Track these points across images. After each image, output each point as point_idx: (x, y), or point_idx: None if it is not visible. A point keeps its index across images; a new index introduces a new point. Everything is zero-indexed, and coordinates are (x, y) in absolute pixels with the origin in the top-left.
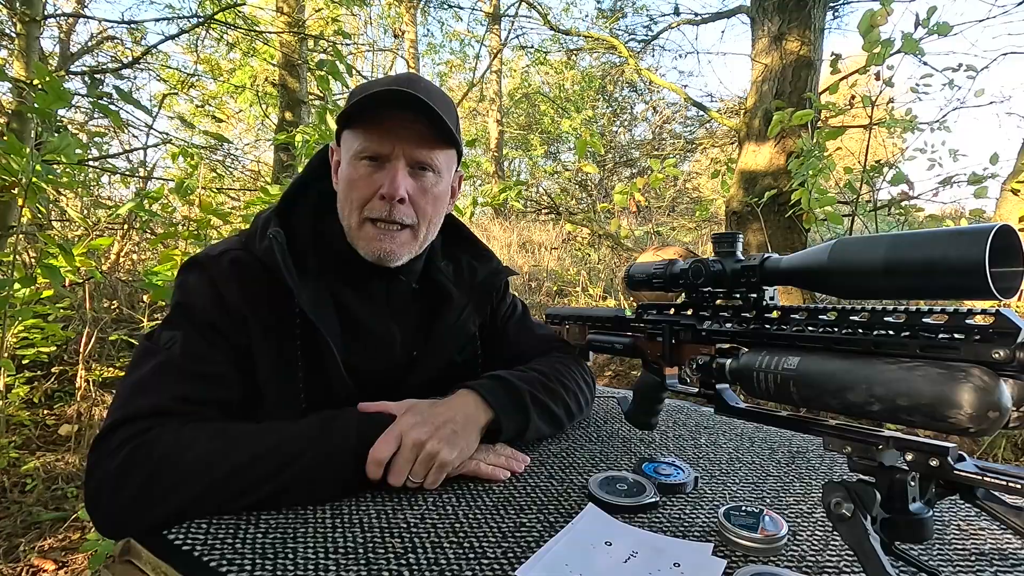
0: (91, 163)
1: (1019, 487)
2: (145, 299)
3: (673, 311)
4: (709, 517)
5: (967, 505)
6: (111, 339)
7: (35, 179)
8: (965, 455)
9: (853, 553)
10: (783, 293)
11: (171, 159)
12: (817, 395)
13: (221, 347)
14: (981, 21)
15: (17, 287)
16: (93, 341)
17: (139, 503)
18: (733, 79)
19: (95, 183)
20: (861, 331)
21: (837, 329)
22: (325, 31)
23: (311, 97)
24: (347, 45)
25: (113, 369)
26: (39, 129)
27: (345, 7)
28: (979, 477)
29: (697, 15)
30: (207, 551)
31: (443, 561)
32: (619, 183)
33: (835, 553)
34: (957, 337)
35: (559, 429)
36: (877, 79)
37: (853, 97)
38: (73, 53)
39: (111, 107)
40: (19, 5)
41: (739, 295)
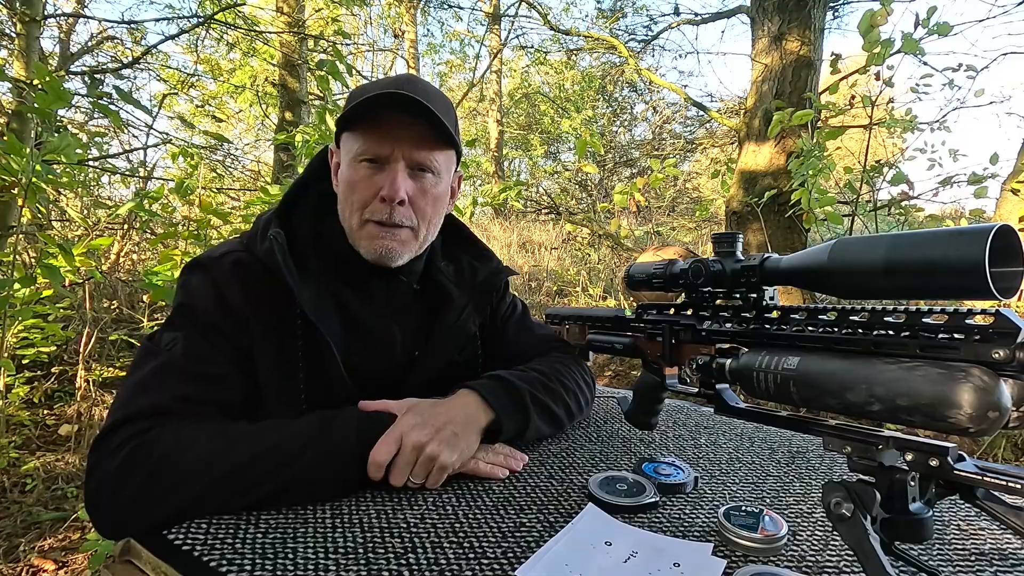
0: (91, 163)
1: (1019, 487)
2: (145, 299)
3: (673, 311)
4: (709, 517)
5: (967, 505)
6: (111, 339)
7: (35, 179)
8: (965, 455)
9: (853, 553)
10: (783, 293)
11: (171, 159)
12: (817, 395)
13: (223, 348)
14: (981, 21)
15: (17, 287)
16: (93, 341)
17: (139, 503)
18: (733, 79)
19: (95, 183)
20: (861, 331)
21: (837, 329)
22: (325, 31)
23: (311, 97)
24: (347, 45)
25: (113, 369)
26: (39, 129)
27: (345, 7)
28: (979, 477)
29: (697, 15)
30: (207, 551)
31: (443, 561)
32: (619, 183)
33: (835, 553)
34: (957, 337)
35: (559, 429)
36: (877, 79)
37: (853, 97)
38: (73, 53)
39: (111, 107)
40: (19, 5)
41: (739, 295)
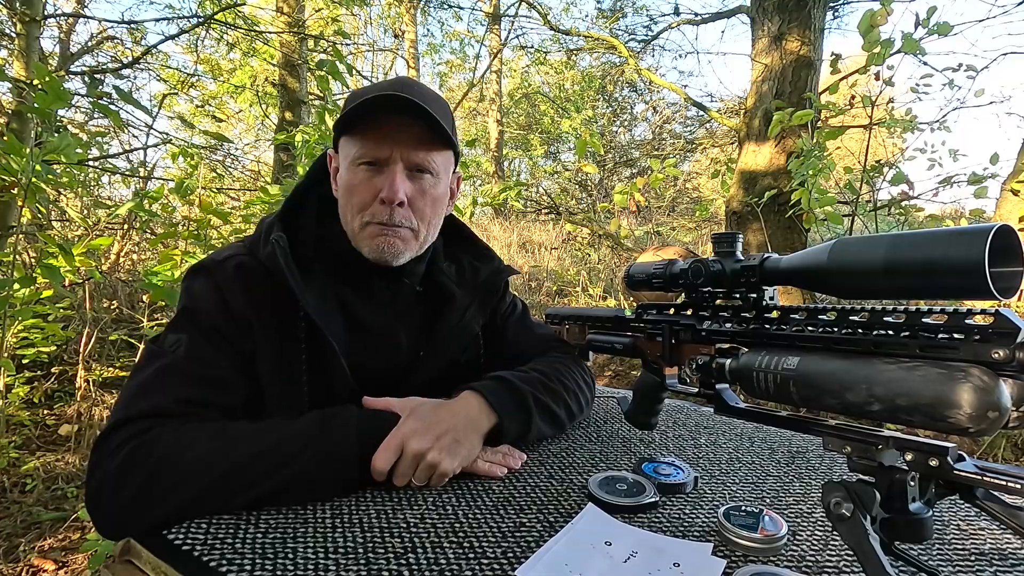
0: (91, 163)
1: (1019, 487)
2: (145, 299)
3: (673, 311)
4: (709, 517)
5: (967, 505)
6: (111, 339)
7: (35, 179)
8: (965, 455)
9: (853, 553)
10: (783, 293)
11: (171, 159)
12: (817, 395)
13: (226, 351)
14: (981, 21)
15: (17, 287)
16: (93, 341)
17: (139, 503)
18: (733, 79)
19: (95, 183)
20: (861, 331)
21: (837, 329)
22: (325, 31)
23: (311, 97)
24: (347, 45)
25: (113, 369)
26: (39, 129)
27: (345, 7)
28: (979, 477)
29: (697, 15)
30: (207, 551)
31: (443, 561)
32: (619, 183)
33: (835, 553)
34: (957, 337)
35: (560, 430)
36: (877, 79)
37: (853, 97)
38: (73, 53)
39: (111, 107)
40: (19, 5)
41: (739, 295)
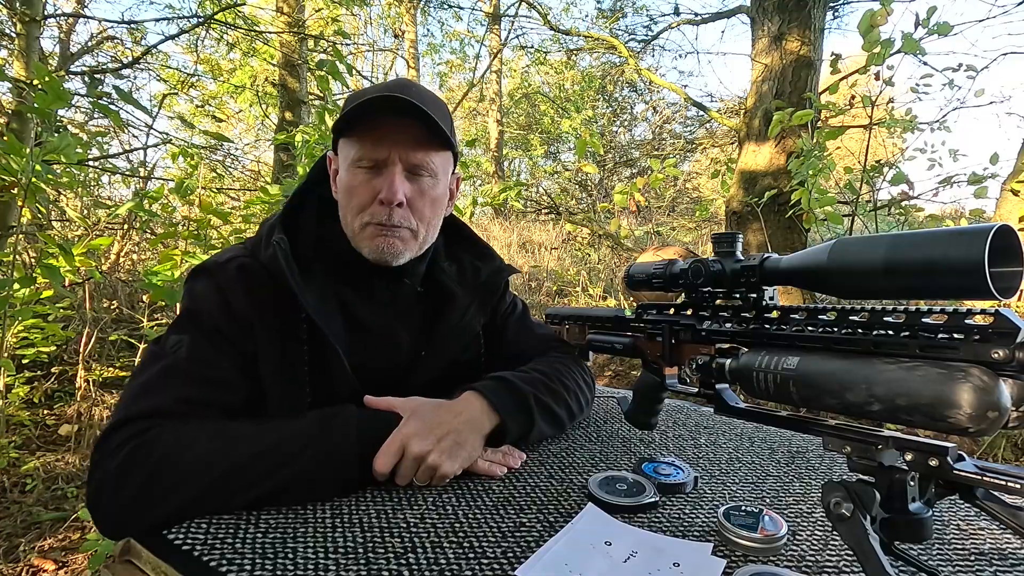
0: (91, 163)
1: (1019, 487)
2: (145, 299)
3: (673, 311)
4: (709, 517)
5: (967, 505)
6: (111, 339)
7: (35, 179)
8: (964, 455)
9: (852, 553)
10: (783, 293)
11: (171, 159)
12: (817, 395)
13: (227, 353)
14: (981, 21)
15: (17, 287)
16: (93, 341)
17: (139, 503)
18: (733, 79)
19: (95, 183)
20: (861, 331)
21: (837, 329)
22: (325, 31)
23: (311, 97)
24: (347, 45)
25: (113, 369)
26: (39, 129)
27: (345, 7)
28: (978, 477)
29: (697, 15)
30: (207, 551)
31: (443, 561)
32: (619, 183)
33: (835, 553)
34: (957, 337)
35: (561, 430)
36: (877, 79)
37: (853, 97)
38: (73, 53)
39: (111, 107)
40: (19, 5)
41: (739, 295)
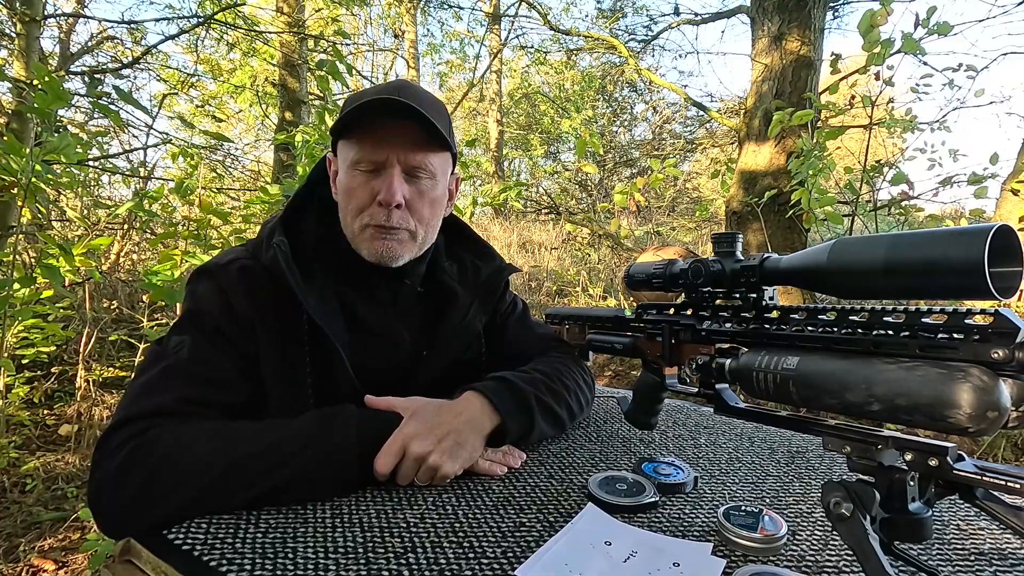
0: (91, 163)
1: (1018, 487)
2: (145, 299)
3: (673, 311)
4: (709, 517)
5: (966, 505)
6: (111, 339)
7: (35, 179)
8: (964, 455)
9: (852, 553)
10: (783, 293)
11: (171, 159)
12: (816, 395)
13: (229, 354)
14: (981, 21)
15: (17, 287)
16: (93, 341)
17: (139, 503)
18: (733, 79)
19: (95, 183)
20: (860, 331)
21: (837, 329)
22: (325, 31)
23: (311, 97)
24: (347, 45)
25: (113, 369)
26: (39, 129)
27: (345, 7)
28: (978, 477)
29: (697, 15)
30: (207, 551)
31: (443, 561)
32: (619, 183)
33: (835, 553)
34: (956, 337)
35: (562, 430)
36: (877, 79)
37: (853, 97)
38: (73, 53)
39: (111, 107)
40: (19, 5)
41: (739, 295)
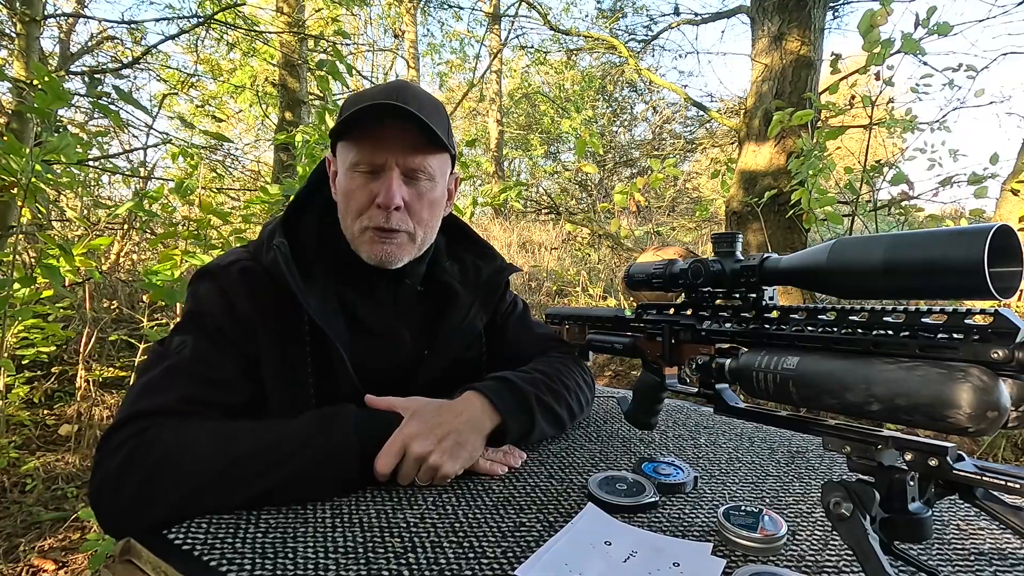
0: (91, 163)
1: (1018, 487)
2: (145, 299)
3: (673, 311)
4: (709, 517)
5: (966, 505)
6: (111, 339)
7: (35, 179)
8: (964, 455)
9: (852, 553)
10: (783, 293)
11: (171, 159)
12: (816, 395)
13: (230, 354)
14: (981, 21)
15: (17, 287)
16: (93, 341)
17: (139, 502)
18: (733, 79)
19: (95, 183)
20: (860, 331)
21: (836, 329)
22: (325, 31)
23: (311, 97)
24: (347, 45)
25: (113, 369)
26: (39, 129)
27: (345, 7)
28: (978, 477)
29: (697, 15)
30: (207, 551)
31: (443, 561)
32: (619, 183)
33: (834, 553)
34: (956, 337)
35: (562, 430)
36: (877, 79)
37: (853, 97)
38: (73, 53)
39: (111, 107)
40: (19, 5)
41: (739, 295)
